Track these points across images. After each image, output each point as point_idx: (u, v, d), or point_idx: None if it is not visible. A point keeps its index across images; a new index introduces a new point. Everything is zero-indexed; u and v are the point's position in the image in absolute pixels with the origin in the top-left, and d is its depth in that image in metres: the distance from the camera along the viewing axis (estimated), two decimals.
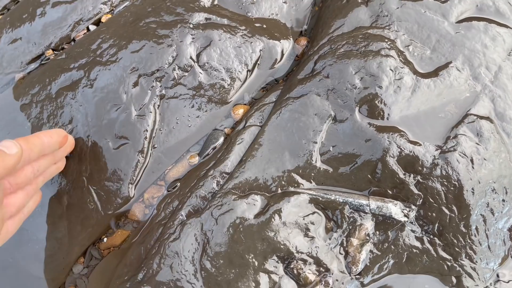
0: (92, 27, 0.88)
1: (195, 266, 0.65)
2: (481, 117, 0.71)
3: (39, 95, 0.80)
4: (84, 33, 0.88)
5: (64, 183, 0.75)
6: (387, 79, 0.72)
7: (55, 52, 0.86)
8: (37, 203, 0.67)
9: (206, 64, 0.79)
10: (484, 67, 0.74)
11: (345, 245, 0.68)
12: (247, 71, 0.81)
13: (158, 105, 0.77)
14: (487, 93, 0.73)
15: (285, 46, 0.84)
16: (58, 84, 0.80)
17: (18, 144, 0.55)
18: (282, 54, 0.84)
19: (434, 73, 0.74)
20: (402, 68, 0.73)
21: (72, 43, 0.88)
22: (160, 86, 0.78)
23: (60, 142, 0.67)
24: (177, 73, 0.78)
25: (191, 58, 0.79)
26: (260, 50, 0.82)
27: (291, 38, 0.85)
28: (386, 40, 0.76)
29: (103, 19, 0.89)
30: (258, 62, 0.82)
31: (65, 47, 0.86)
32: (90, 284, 0.73)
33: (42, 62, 0.86)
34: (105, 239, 0.75)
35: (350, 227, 0.68)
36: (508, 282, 0.69)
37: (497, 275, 0.69)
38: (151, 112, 0.76)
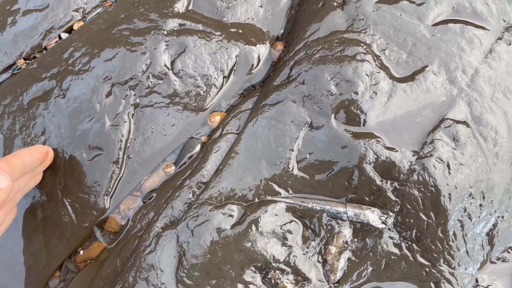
0: (64, 35, 0.86)
1: (171, 278, 0.64)
2: (458, 122, 0.70)
3: (11, 106, 0.78)
4: (56, 42, 0.86)
5: (38, 196, 0.74)
6: (363, 84, 0.71)
7: (26, 61, 0.85)
8: (13, 217, 0.67)
9: (181, 71, 0.78)
10: (461, 70, 0.74)
11: (323, 253, 0.68)
12: (223, 77, 0.80)
13: (133, 114, 0.76)
14: (463, 97, 0.72)
15: (262, 51, 0.83)
16: (30, 94, 0.78)
17: (9, 178, 0.54)
18: (259, 60, 0.82)
19: (411, 78, 0.73)
20: (378, 73, 0.72)
21: (44, 51, 0.86)
22: (134, 95, 0.76)
23: (41, 160, 0.67)
24: (151, 81, 0.77)
25: (165, 65, 0.78)
26: (236, 56, 0.81)
27: (268, 43, 0.84)
28: (362, 44, 0.75)
29: (75, 27, 0.87)
30: (235, 68, 0.81)
31: (37, 56, 0.85)
32: None
33: (14, 72, 0.84)
34: (81, 252, 0.74)
35: (328, 235, 0.68)
36: (487, 287, 0.69)
37: (476, 280, 0.69)
38: (125, 121, 0.75)
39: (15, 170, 0.60)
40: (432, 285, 0.67)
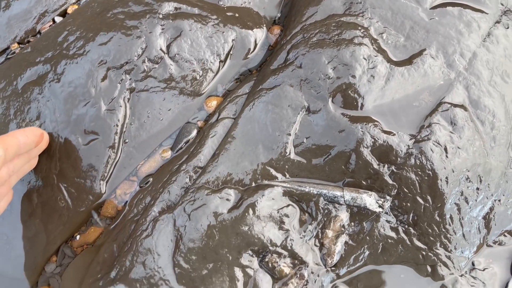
0: (58, 19, 0.85)
1: (168, 262, 0.64)
2: (455, 105, 0.70)
3: (5, 91, 0.77)
4: (50, 25, 0.85)
5: (34, 180, 0.73)
6: (361, 68, 0.71)
7: (20, 45, 0.84)
8: (9, 202, 0.66)
9: (177, 55, 0.77)
10: (459, 54, 0.73)
11: (320, 237, 0.68)
12: (220, 61, 0.79)
13: (128, 99, 0.75)
14: (461, 81, 0.72)
15: (258, 35, 0.82)
16: (24, 79, 0.77)
17: (1, 149, 0.54)
18: (256, 44, 0.82)
19: (408, 61, 0.73)
20: (375, 56, 0.72)
21: (38, 35, 0.85)
22: (130, 79, 0.75)
23: (36, 142, 0.66)
24: (147, 65, 0.76)
25: (161, 49, 0.77)
26: (233, 40, 0.80)
27: (265, 27, 0.83)
28: (359, 28, 0.74)
29: (69, 10, 0.86)
30: (231, 53, 0.80)
31: (31, 40, 0.84)
32: (63, 283, 0.72)
33: (8, 56, 0.83)
34: (78, 237, 0.73)
35: (325, 219, 0.68)
36: (483, 270, 0.69)
37: (473, 263, 0.69)
38: (121, 106, 0.74)
39: (10, 149, 0.59)
40: (429, 268, 0.67)
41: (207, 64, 0.78)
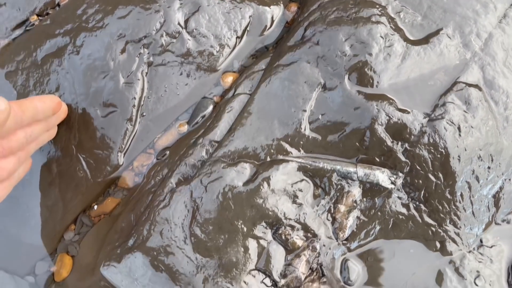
0: None
1: (184, 232, 0.66)
2: (470, 85, 0.70)
3: (25, 62, 0.78)
4: None
5: (53, 151, 0.75)
6: (377, 46, 0.71)
7: (39, 17, 0.84)
8: (27, 169, 0.67)
9: (194, 30, 0.78)
10: (475, 34, 0.74)
11: (332, 212, 0.69)
12: (237, 37, 0.80)
13: (146, 73, 0.76)
14: (476, 61, 0.72)
15: (275, 12, 0.82)
16: (44, 50, 0.78)
17: (5, 100, 0.53)
18: (272, 21, 0.82)
19: (425, 40, 0.73)
20: (392, 35, 0.72)
21: (57, 8, 0.85)
22: (148, 53, 0.76)
23: (53, 108, 0.66)
24: (165, 40, 0.77)
25: (179, 24, 0.77)
26: (250, 16, 0.80)
27: (282, 4, 0.84)
28: (377, 6, 0.75)
29: None
30: (248, 29, 0.81)
31: (50, 12, 0.84)
32: (82, 250, 0.74)
33: (27, 28, 0.84)
34: (95, 207, 0.75)
35: (338, 194, 0.69)
36: (491, 247, 0.71)
37: (481, 240, 0.71)
38: (139, 79, 0.75)
39: (26, 112, 0.59)
40: (438, 244, 0.69)
41: (224, 40, 0.79)
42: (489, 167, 0.70)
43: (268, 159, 0.70)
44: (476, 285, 0.68)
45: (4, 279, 0.73)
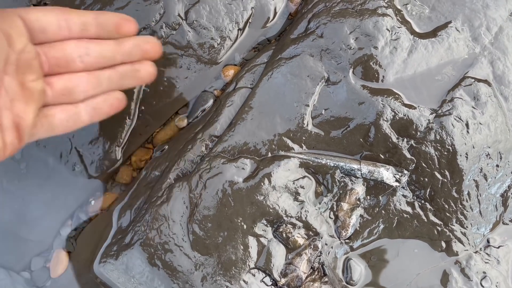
0: None
1: (183, 229, 0.64)
2: (479, 80, 0.68)
3: None
4: None
5: (50, 144, 0.74)
6: (383, 39, 0.69)
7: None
8: (115, 108, 0.56)
9: (195, 22, 0.76)
10: (485, 27, 0.71)
11: (335, 210, 0.68)
12: (238, 29, 0.78)
13: None
14: (486, 55, 0.70)
15: (278, 4, 0.80)
16: None
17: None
18: (275, 13, 0.80)
19: (433, 34, 0.71)
20: (399, 27, 0.70)
21: None
22: None
23: (116, 23, 0.52)
24: (164, 31, 0.75)
25: (179, 15, 0.75)
26: (252, 7, 0.78)
27: None
28: None
29: None
30: (250, 21, 0.79)
31: (48, 2, 0.82)
32: (78, 246, 0.73)
33: None
34: (92, 202, 0.74)
35: (341, 192, 0.68)
36: (498, 247, 0.69)
37: (488, 241, 0.69)
38: None
39: (72, 16, 0.48)
40: (443, 244, 0.67)
41: (225, 32, 0.77)
42: (497, 165, 0.68)
43: (269, 154, 0.68)
44: (482, 286, 0.67)
45: (0, 275, 0.72)
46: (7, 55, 0.42)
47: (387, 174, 0.66)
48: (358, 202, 0.68)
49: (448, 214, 0.67)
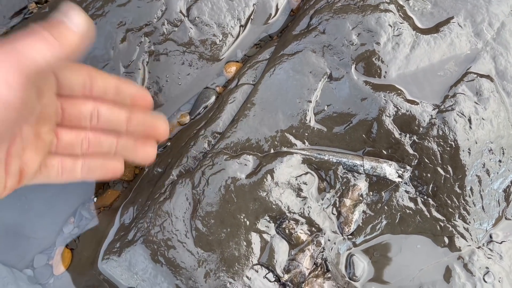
0: None
1: (186, 225, 0.64)
2: (481, 76, 0.68)
3: None
4: None
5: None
6: (386, 35, 0.69)
7: (38, 5, 0.82)
8: (109, 175, 0.55)
9: (196, 18, 0.76)
10: (487, 23, 0.71)
11: (337, 206, 0.67)
12: (240, 26, 0.78)
13: (147, 62, 0.74)
14: (488, 51, 0.70)
15: (280, 0, 0.80)
16: None
17: (88, 19, 0.42)
18: (277, 9, 0.80)
19: (435, 29, 0.71)
20: (401, 23, 0.70)
21: None
22: (149, 42, 0.74)
23: (134, 95, 0.52)
24: (166, 28, 0.75)
25: (181, 12, 0.75)
26: (254, 4, 0.78)
27: None
28: None
29: None
30: (252, 17, 0.79)
31: (49, 0, 0.82)
32: (81, 243, 0.73)
33: (26, 16, 0.82)
34: (95, 199, 0.74)
35: (343, 188, 0.67)
36: (501, 243, 0.69)
37: (490, 236, 0.69)
38: (139, 69, 0.74)
39: (97, 78, 0.48)
40: (446, 239, 0.67)
41: (227, 29, 0.77)
42: (500, 161, 0.68)
43: (272, 151, 0.68)
44: (485, 281, 0.67)
45: (2, 272, 0.72)
46: (34, 107, 0.43)
47: (389, 170, 0.66)
48: (361, 198, 0.67)
49: (450, 210, 0.67)
